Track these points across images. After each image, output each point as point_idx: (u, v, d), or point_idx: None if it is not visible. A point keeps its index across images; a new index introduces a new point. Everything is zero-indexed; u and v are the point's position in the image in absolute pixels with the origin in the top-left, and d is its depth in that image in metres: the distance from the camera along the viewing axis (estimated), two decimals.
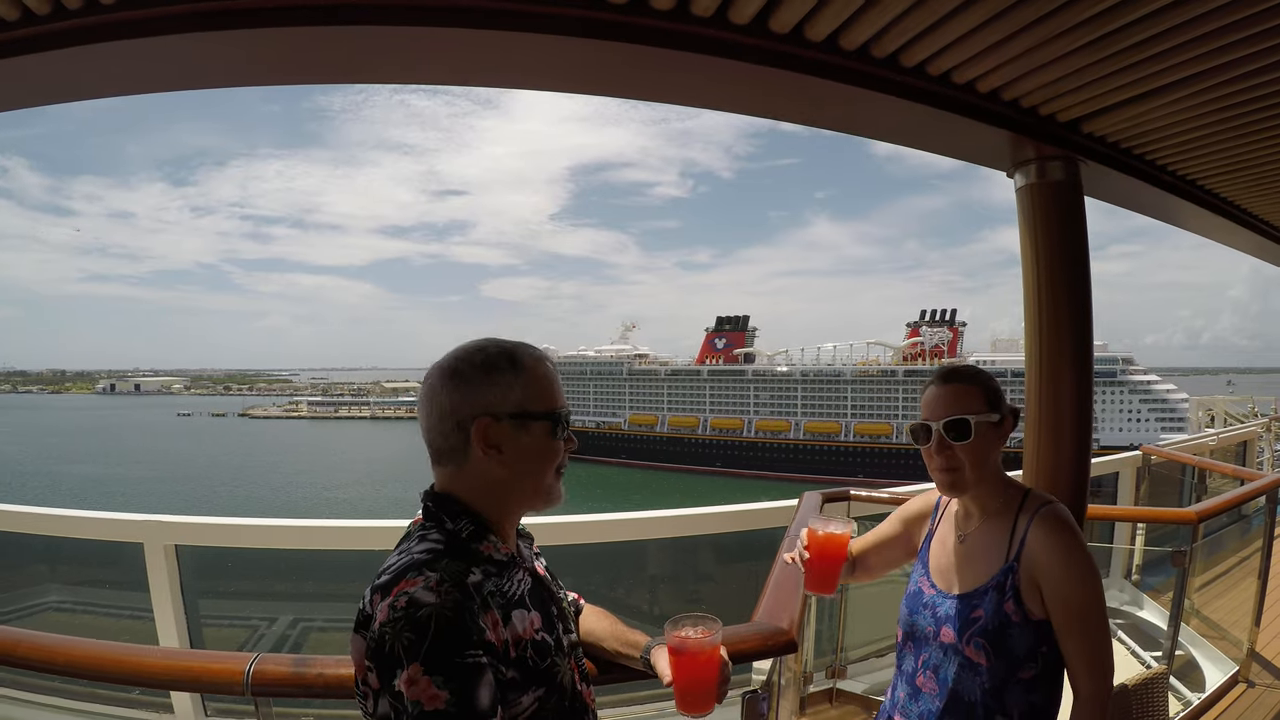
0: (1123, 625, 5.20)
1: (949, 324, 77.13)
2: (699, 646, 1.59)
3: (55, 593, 4.31)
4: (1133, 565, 5.71)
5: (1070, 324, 2.46)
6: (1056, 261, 2.47)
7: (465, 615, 1.20)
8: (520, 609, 1.37)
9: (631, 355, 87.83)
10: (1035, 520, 1.77)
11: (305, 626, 4.06)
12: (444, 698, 1.14)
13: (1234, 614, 4.66)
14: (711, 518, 4.04)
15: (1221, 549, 5.33)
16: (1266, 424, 10.24)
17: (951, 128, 2.31)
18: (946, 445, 1.82)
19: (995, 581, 1.77)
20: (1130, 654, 4.82)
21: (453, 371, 1.40)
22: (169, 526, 3.65)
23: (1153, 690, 2.39)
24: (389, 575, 1.25)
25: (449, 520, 1.39)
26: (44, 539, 4.15)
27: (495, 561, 1.38)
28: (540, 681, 1.35)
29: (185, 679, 1.82)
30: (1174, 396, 62.58)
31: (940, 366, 2.00)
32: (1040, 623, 1.73)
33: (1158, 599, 5.30)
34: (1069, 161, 2.47)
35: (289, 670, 1.71)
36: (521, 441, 1.41)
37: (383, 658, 1.17)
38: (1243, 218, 3.41)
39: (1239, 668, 4.25)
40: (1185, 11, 1.78)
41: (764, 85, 2.05)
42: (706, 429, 77.41)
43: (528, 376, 1.42)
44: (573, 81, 2.12)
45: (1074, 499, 2.50)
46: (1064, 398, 2.47)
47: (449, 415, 1.39)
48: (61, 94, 2.09)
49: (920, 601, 1.95)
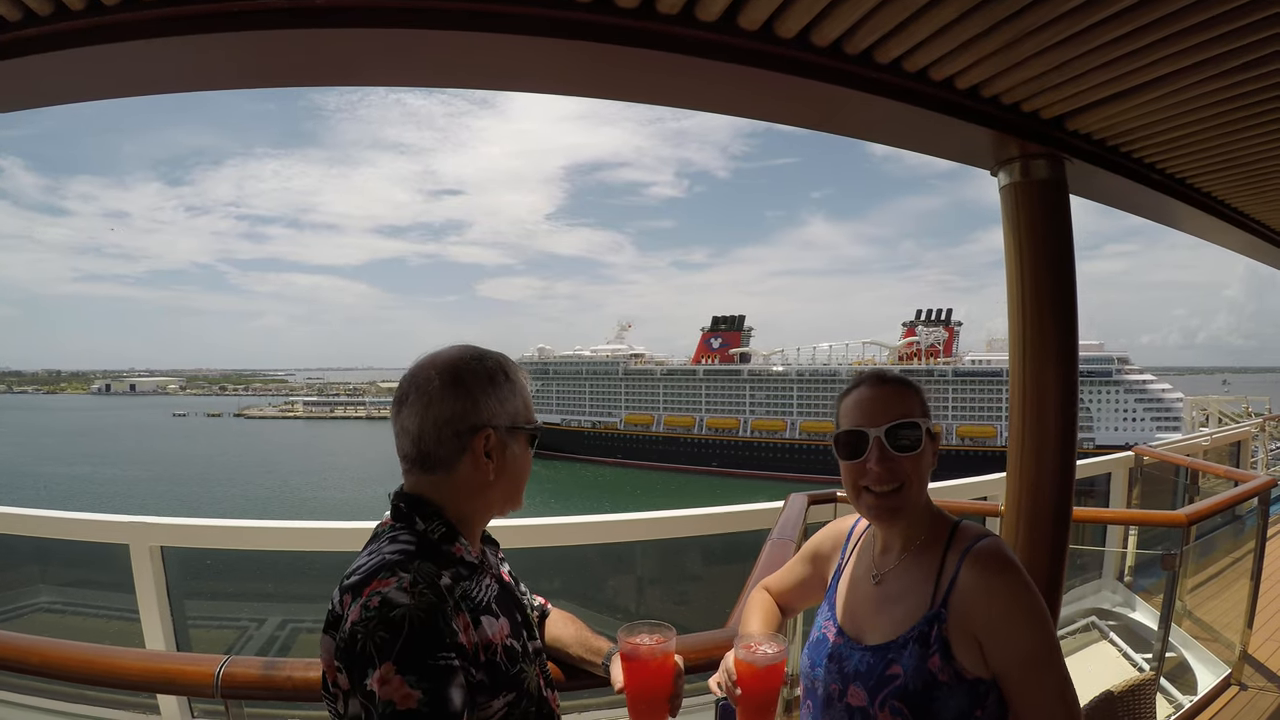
0: (1115, 627, 5.21)
1: (944, 323, 77.30)
2: (650, 654, 1.57)
3: (45, 594, 4.33)
4: (1125, 567, 5.71)
5: (1055, 323, 2.43)
6: (1041, 260, 2.44)
7: (438, 617, 1.20)
8: (488, 615, 1.37)
9: (627, 355, 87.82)
10: (968, 559, 1.49)
11: (294, 628, 4.05)
12: (416, 698, 1.13)
13: (1226, 616, 4.65)
14: (698, 519, 4.05)
15: (1214, 550, 5.32)
16: (1260, 424, 10.25)
17: (931, 125, 2.28)
18: (889, 457, 1.55)
19: (917, 631, 1.48)
20: (1122, 655, 4.83)
21: (455, 379, 1.40)
22: (155, 528, 3.64)
23: (1140, 696, 2.37)
24: (360, 575, 1.24)
25: (420, 521, 1.38)
26: (35, 540, 4.15)
27: (466, 564, 1.39)
28: (510, 686, 1.34)
29: (158, 681, 1.82)
30: (1169, 396, 62.71)
31: (858, 372, 1.71)
32: (975, 682, 1.43)
33: (1150, 600, 5.31)
34: (1053, 159, 2.44)
35: (258, 673, 1.72)
36: (510, 452, 1.45)
37: (354, 657, 1.16)
38: (1233, 216, 3.39)
39: (1231, 670, 4.25)
40: (1160, 8, 1.76)
41: (736, 83, 2.03)
42: (702, 429, 77.44)
43: (520, 389, 1.47)
44: (542, 81, 2.10)
45: (1059, 502, 2.48)
46: (1048, 398, 2.44)
47: (448, 423, 1.39)
48: (63, 95, 2.10)
49: (824, 652, 1.65)
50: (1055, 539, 2.49)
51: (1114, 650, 4.95)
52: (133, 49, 1.77)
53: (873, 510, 1.59)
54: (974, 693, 1.43)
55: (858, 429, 1.58)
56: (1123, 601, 5.56)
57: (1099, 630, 5.19)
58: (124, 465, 74.56)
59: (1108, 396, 63.50)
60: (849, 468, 1.60)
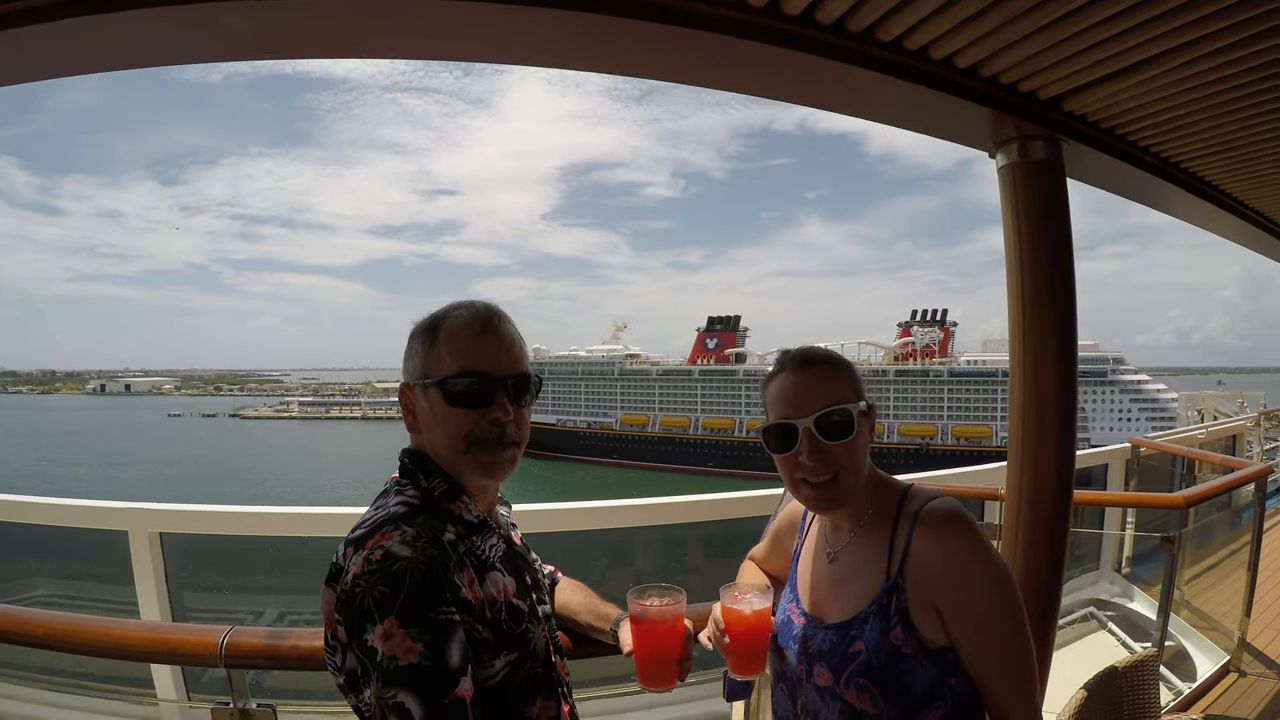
0: (1113, 617, 5.23)
1: (940, 324, 77.56)
2: (660, 616, 1.53)
3: (43, 586, 4.29)
4: (1123, 557, 5.73)
5: (1054, 306, 2.42)
6: (1040, 240, 2.43)
7: (440, 571, 1.20)
8: (494, 572, 1.36)
9: (623, 355, 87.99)
10: (919, 523, 1.43)
11: (293, 619, 4.03)
12: (418, 650, 1.13)
13: (1224, 605, 4.67)
14: (697, 505, 4.05)
15: (1210, 541, 5.34)
16: (1255, 419, 10.27)
17: (931, 104, 2.27)
18: (820, 447, 1.46)
19: (876, 605, 1.42)
20: (1120, 645, 4.85)
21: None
22: (153, 514, 3.62)
23: (1143, 672, 2.37)
24: (364, 529, 1.24)
25: (423, 478, 1.39)
26: (31, 532, 4.11)
27: (466, 522, 1.37)
28: (513, 646, 1.33)
29: (162, 650, 1.82)
30: (1164, 396, 62.96)
31: (782, 353, 1.60)
32: (942, 651, 1.38)
33: (1148, 591, 5.33)
34: (1051, 141, 2.43)
35: (263, 642, 1.71)
36: (421, 407, 1.42)
37: (353, 610, 1.15)
38: (1228, 203, 3.38)
39: (1230, 657, 4.26)
40: None
41: (737, 59, 2.01)
42: (698, 429, 77.57)
43: (438, 343, 1.40)
44: (534, 54, 2.06)
45: (1059, 485, 2.47)
46: (1048, 380, 2.43)
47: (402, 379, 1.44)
48: (49, 69, 2.03)
49: (789, 634, 1.60)
50: (1057, 519, 2.47)
51: (1112, 640, 4.97)
52: (118, 20, 1.72)
53: (812, 502, 1.53)
54: (942, 662, 1.38)
55: (785, 421, 1.49)
56: (1121, 592, 5.58)
57: (1097, 620, 5.21)
58: (120, 466, 74.33)
59: (1103, 397, 63.71)
60: (782, 461, 1.52)
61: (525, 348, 1.48)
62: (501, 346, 1.42)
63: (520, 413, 1.44)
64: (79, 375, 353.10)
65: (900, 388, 70.26)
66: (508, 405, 1.39)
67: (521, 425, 1.45)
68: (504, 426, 1.40)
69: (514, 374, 1.41)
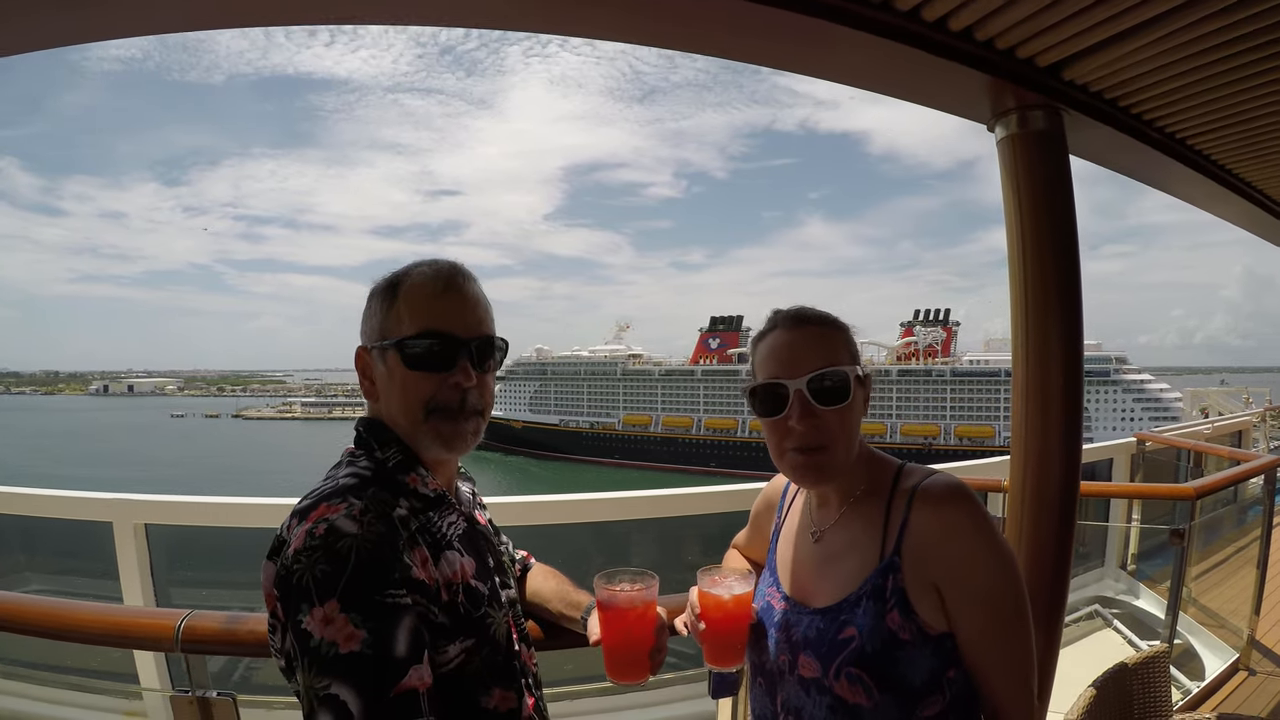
0: (1118, 615, 5.15)
1: (943, 323, 77.46)
2: (629, 602, 1.41)
3: (35, 581, 4.26)
4: (1128, 554, 5.64)
5: (1057, 284, 2.30)
6: (1042, 215, 2.31)
7: (388, 549, 1.10)
8: (450, 551, 1.26)
9: (625, 355, 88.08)
10: (918, 498, 1.31)
11: None
12: (360, 638, 1.02)
13: (1232, 603, 4.60)
14: (696, 498, 3.94)
15: (1216, 538, 5.26)
16: (1261, 415, 10.17)
17: (925, 70, 2.15)
18: (812, 412, 1.35)
19: (870, 586, 1.30)
20: (1126, 643, 4.76)
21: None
22: (138, 504, 3.56)
23: (1153, 669, 2.29)
24: (309, 500, 1.14)
25: (378, 448, 1.30)
26: (21, 525, 4.09)
27: (421, 496, 1.28)
28: (470, 631, 1.23)
29: (117, 634, 1.73)
30: (1167, 395, 62.78)
31: (774, 310, 1.48)
32: (942, 637, 1.27)
33: (1154, 588, 5.25)
34: (1051, 111, 2.32)
35: (220, 626, 1.64)
36: (378, 372, 1.33)
37: (290, 588, 1.05)
38: (1232, 182, 3.26)
39: (1239, 655, 4.17)
40: None
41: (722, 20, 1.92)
42: (701, 429, 77.57)
43: (398, 302, 1.31)
44: (504, 19, 1.98)
45: (1066, 474, 2.34)
46: (1052, 363, 2.30)
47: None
48: (41, 39, 1.96)
49: (770, 621, 1.47)
50: (1063, 510, 2.34)
51: (1118, 638, 4.89)
52: None
53: (799, 470, 1.40)
54: (941, 650, 1.26)
55: (775, 381, 1.38)
56: (1126, 589, 5.49)
57: (1102, 618, 5.12)
58: (123, 467, 74.41)
59: (1106, 396, 63.54)
60: (770, 426, 1.40)
61: (491, 310, 1.37)
62: (466, 306, 1.32)
63: (484, 379, 1.34)
64: (82, 376, 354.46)
65: (903, 387, 70.14)
66: (470, 369, 1.30)
67: (485, 393, 1.35)
68: (466, 393, 1.30)
69: (478, 336, 1.32)
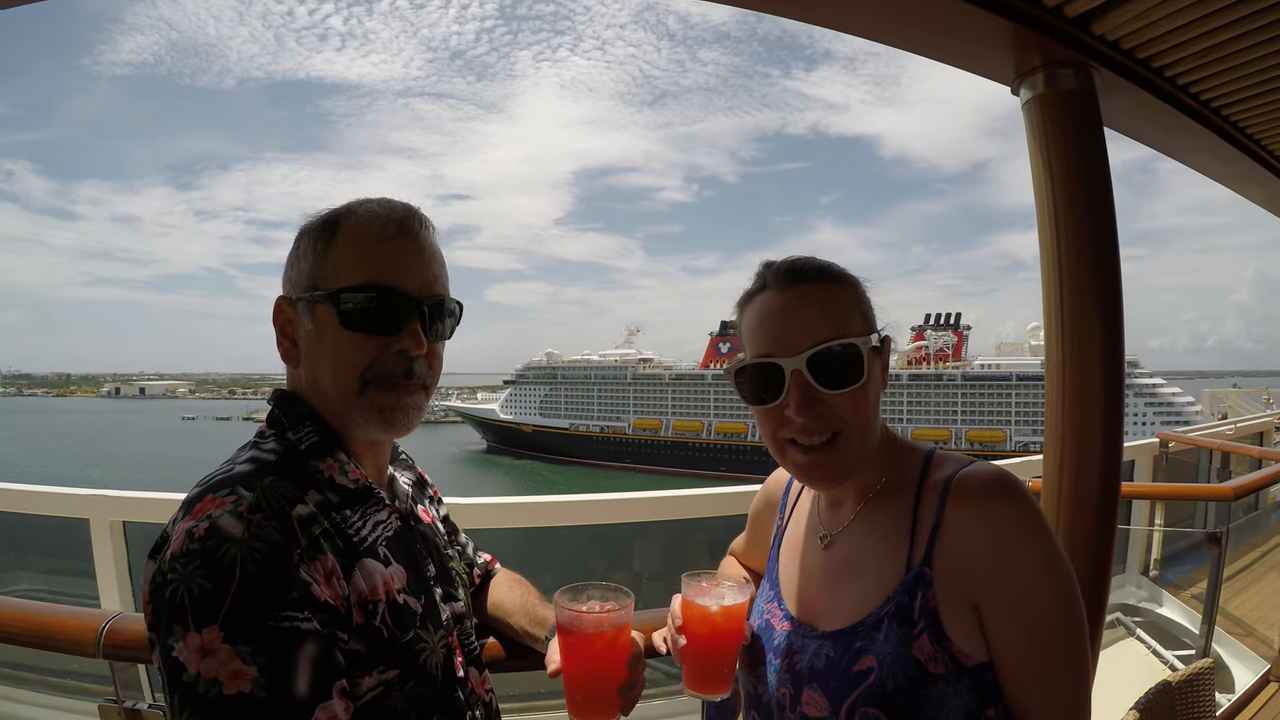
0: (1141, 623, 4.93)
1: (954, 328, 76.87)
2: (596, 626, 1.12)
3: (27, 580, 4.14)
4: (1150, 560, 5.42)
5: (1094, 255, 2.07)
6: (1076, 180, 2.07)
7: (281, 561, 0.88)
8: (371, 559, 1.02)
9: (636, 360, 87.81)
10: (954, 492, 1.04)
11: None
12: (251, 676, 0.81)
13: (1259, 610, 4.40)
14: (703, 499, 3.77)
15: (1239, 544, 5.04)
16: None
17: (945, 18, 1.93)
18: (815, 398, 1.08)
19: (894, 605, 1.04)
20: (1151, 653, 4.54)
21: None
22: (115, 501, 3.42)
23: (1198, 686, 2.11)
24: (198, 488, 0.93)
25: (290, 428, 1.07)
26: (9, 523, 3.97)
27: (338, 488, 1.05)
28: (391, 660, 1.00)
29: (38, 635, 1.53)
30: (1180, 400, 62.07)
31: (764, 265, 1.18)
32: (981, 669, 1.00)
33: (1178, 595, 5.03)
34: (1081, 69, 2.09)
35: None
36: (304, 331, 1.09)
37: (163, 602, 0.84)
38: (1265, 158, 2.99)
39: (1271, 666, 3.95)
40: None
41: None
42: (711, 433, 77.19)
43: (336, 243, 1.07)
44: None
45: (1107, 470, 2.08)
46: (1091, 352, 2.05)
47: None
48: None
49: (770, 644, 1.21)
50: (1103, 514, 2.09)
51: (1142, 648, 4.67)
52: None
53: (803, 470, 1.14)
54: (979, 684, 1.00)
55: (767, 360, 1.10)
56: (1149, 597, 5.28)
57: (1125, 627, 4.91)
58: (134, 469, 74.62)
59: None
60: (763, 415, 1.14)
61: (446, 268, 1.15)
62: (422, 258, 1.10)
63: (434, 348, 1.12)
64: (94, 378, 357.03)
65: (914, 392, 69.61)
66: (421, 334, 1.08)
67: (433, 364, 1.13)
68: (413, 362, 1.08)
69: (431, 295, 1.10)
